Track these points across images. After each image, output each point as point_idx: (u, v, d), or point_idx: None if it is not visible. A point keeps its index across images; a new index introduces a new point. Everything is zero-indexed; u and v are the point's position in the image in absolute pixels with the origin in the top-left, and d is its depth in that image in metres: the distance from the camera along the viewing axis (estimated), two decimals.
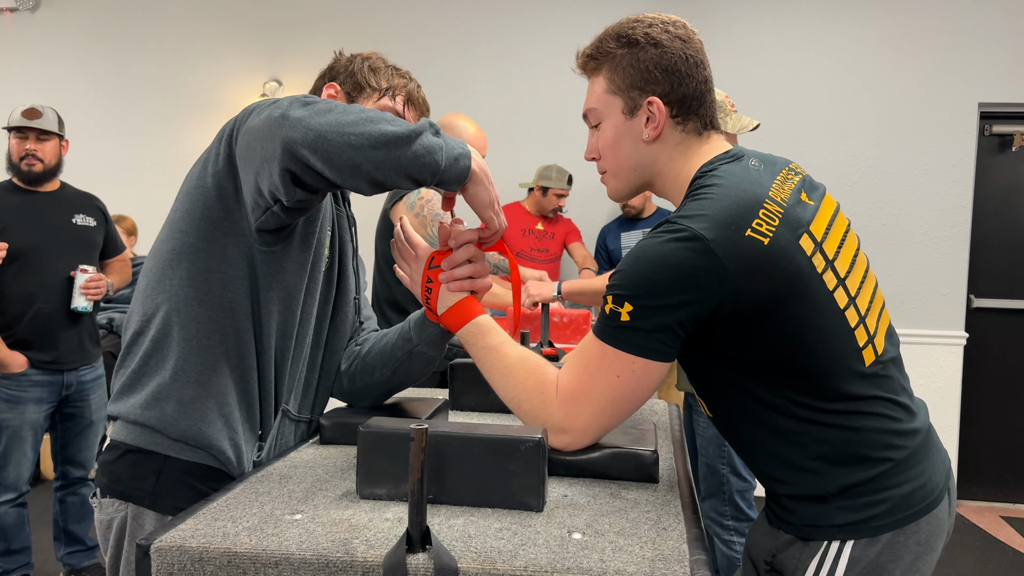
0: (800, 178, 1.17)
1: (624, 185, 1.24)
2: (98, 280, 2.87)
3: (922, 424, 1.14)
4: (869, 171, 4.23)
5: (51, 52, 4.85)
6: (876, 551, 1.07)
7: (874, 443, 1.07)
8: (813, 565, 1.08)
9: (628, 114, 1.18)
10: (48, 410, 2.88)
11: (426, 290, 1.26)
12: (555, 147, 4.39)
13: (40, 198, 2.90)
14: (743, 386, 1.10)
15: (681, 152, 1.19)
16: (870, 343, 1.10)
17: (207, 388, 1.22)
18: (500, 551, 0.88)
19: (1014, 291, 4.27)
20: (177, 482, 1.21)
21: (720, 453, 2.51)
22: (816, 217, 1.11)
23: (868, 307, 1.13)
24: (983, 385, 4.28)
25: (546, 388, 1.14)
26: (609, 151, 1.22)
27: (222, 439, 1.22)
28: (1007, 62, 4.12)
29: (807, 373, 1.06)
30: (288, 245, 1.26)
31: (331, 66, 1.46)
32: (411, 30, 4.55)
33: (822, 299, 1.06)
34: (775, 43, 4.28)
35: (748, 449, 1.16)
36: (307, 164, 1.05)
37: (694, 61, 1.16)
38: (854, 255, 1.16)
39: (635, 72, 1.16)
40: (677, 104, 1.16)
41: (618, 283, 1.07)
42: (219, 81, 4.72)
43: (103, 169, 4.73)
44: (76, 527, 3.02)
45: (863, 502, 1.07)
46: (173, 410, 1.21)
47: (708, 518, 2.60)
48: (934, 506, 1.10)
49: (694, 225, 1.03)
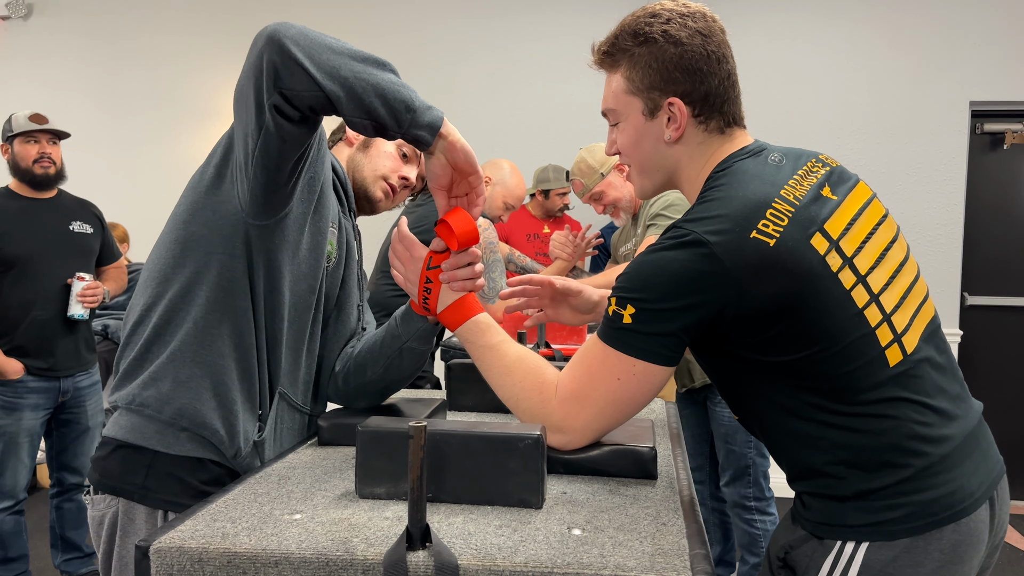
0: (827, 170, 1.13)
1: (649, 183, 1.23)
2: (95, 288, 2.86)
3: (959, 429, 1.07)
4: (862, 170, 4.24)
5: (44, 60, 4.84)
6: (892, 555, 1.02)
7: (896, 448, 1.03)
8: (827, 565, 1.05)
9: (648, 115, 1.16)
10: (44, 417, 2.87)
11: (424, 290, 1.26)
12: (550, 148, 4.39)
13: (38, 205, 2.89)
14: (760, 389, 1.08)
15: (702, 151, 1.17)
16: (896, 342, 1.05)
17: (204, 367, 1.24)
18: (500, 548, 0.88)
19: (1007, 288, 4.29)
20: (167, 476, 1.23)
21: (747, 438, 2.55)
22: (836, 213, 1.07)
23: (899, 303, 1.08)
24: (978, 382, 4.29)
25: (545, 388, 1.14)
26: (632, 151, 1.20)
27: (215, 418, 1.23)
28: (998, 61, 4.14)
29: (823, 375, 1.03)
30: (282, 222, 1.27)
31: None
32: (404, 34, 4.56)
33: (836, 299, 1.02)
34: (767, 43, 4.30)
35: (774, 448, 1.14)
36: (290, 55, 1.05)
37: (716, 57, 1.13)
38: (885, 248, 1.10)
39: (654, 72, 1.13)
40: (700, 103, 1.14)
41: (622, 285, 1.06)
42: (213, 88, 4.72)
43: (97, 177, 4.71)
44: (73, 534, 3.01)
45: (880, 505, 1.03)
46: (168, 388, 1.23)
47: (732, 503, 2.63)
48: (964, 515, 1.04)
49: (698, 229, 1.02)
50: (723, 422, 2.61)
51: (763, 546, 2.56)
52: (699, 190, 1.15)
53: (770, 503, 2.58)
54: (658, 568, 0.83)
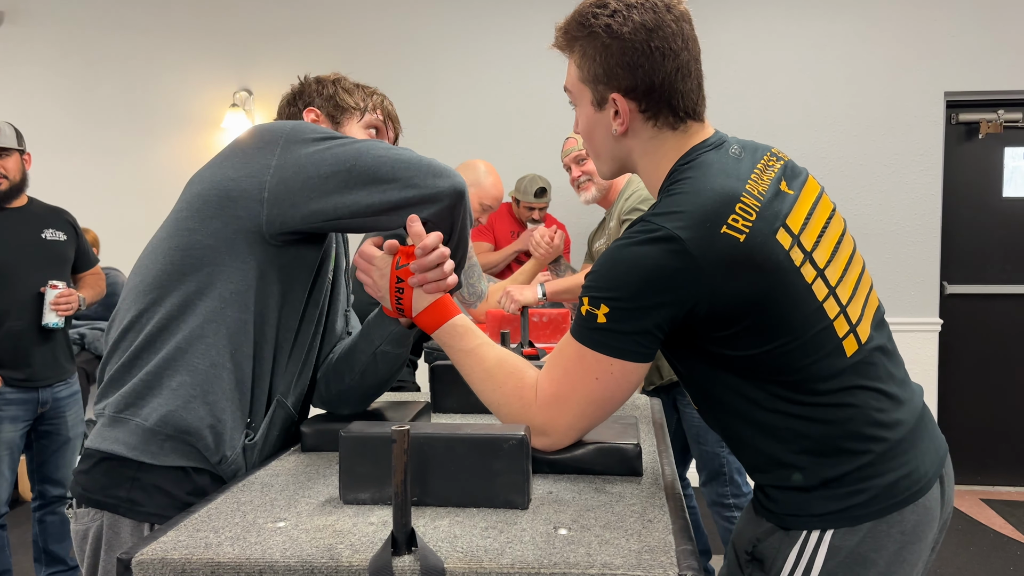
0: (781, 164, 1.13)
1: (606, 168, 1.23)
2: (68, 295, 2.83)
3: (910, 413, 1.11)
4: (840, 163, 4.27)
5: (16, 68, 4.77)
6: (857, 540, 1.05)
7: (856, 435, 1.05)
8: (793, 554, 1.07)
9: (597, 106, 1.15)
10: (24, 428, 2.84)
11: (396, 291, 1.24)
12: (527, 148, 4.39)
13: (7, 215, 2.85)
14: (725, 381, 1.09)
15: (656, 146, 1.15)
16: (852, 332, 1.08)
17: (196, 375, 1.21)
18: (486, 550, 0.87)
19: (986, 276, 4.33)
20: (152, 488, 1.20)
21: (718, 438, 2.54)
22: (794, 208, 1.08)
23: (852, 295, 1.10)
24: (959, 370, 4.34)
25: (525, 392, 1.13)
26: (586, 137, 1.21)
27: (202, 426, 1.21)
28: (972, 51, 4.18)
29: (786, 368, 1.04)
30: (301, 243, 1.27)
31: (300, 91, 1.48)
32: (380, 36, 4.54)
33: (800, 293, 1.04)
34: (743, 38, 4.31)
35: (734, 442, 1.15)
36: (464, 225, 1.26)
37: (661, 52, 1.09)
38: (837, 242, 1.12)
39: (597, 66, 1.12)
40: (643, 99, 1.11)
41: (593, 284, 1.05)
42: (188, 92, 4.68)
43: (71, 184, 4.66)
44: (56, 547, 2.98)
45: (844, 492, 1.05)
46: (156, 395, 1.21)
47: (711, 502, 2.63)
48: (920, 495, 1.07)
49: (668, 224, 1.01)
50: (693, 422, 2.61)
51: None
52: (660, 182, 1.14)
53: (748, 498, 2.59)
54: (645, 565, 0.83)
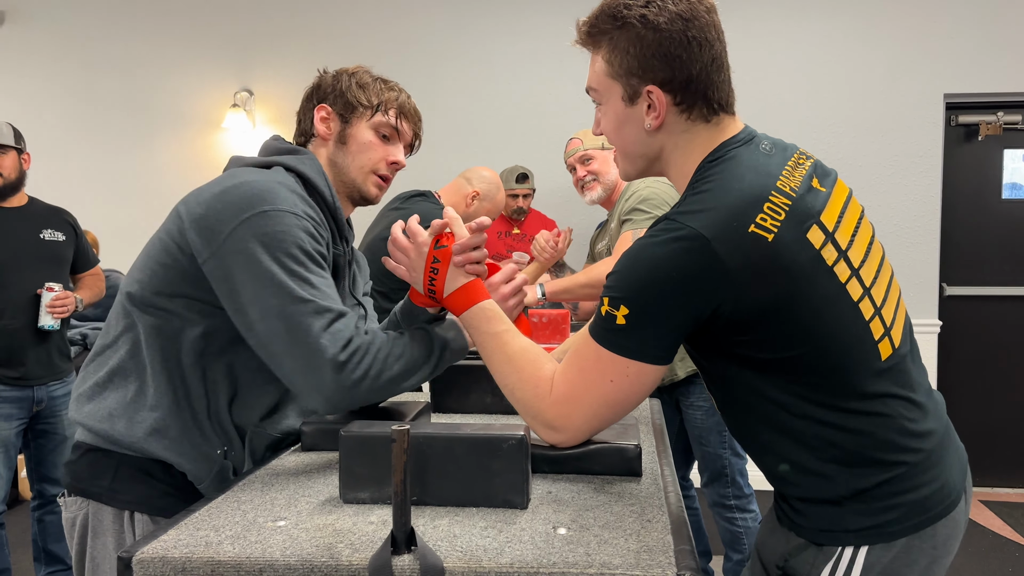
0: (811, 163, 1.10)
1: (632, 168, 1.18)
2: (64, 298, 2.83)
3: (938, 423, 1.08)
4: (839, 165, 4.27)
5: (17, 67, 4.77)
6: (892, 556, 1.02)
7: (888, 446, 1.02)
8: (827, 571, 1.04)
9: (628, 101, 1.11)
10: (19, 427, 2.83)
11: (431, 271, 1.24)
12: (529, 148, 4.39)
13: (6, 214, 2.85)
14: (753, 385, 1.05)
15: (687, 140, 1.11)
16: (886, 335, 1.04)
17: (166, 413, 1.24)
18: (486, 549, 0.88)
19: (985, 278, 4.33)
20: (133, 478, 1.24)
21: (721, 440, 2.55)
22: (828, 205, 1.04)
23: (884, 298, 1.07)
24: (958, 372, 4.34)
25: (541, 383, 1.11)
26: (614, 136, 1.16)
27: (173, 457, 1.24)
28: (971, 53, 4.18)
29: (819, 371, 1.01)
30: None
31: (317, 85, 1.44)
32: (381, 36, 4.54)
33: (833, 292, 1.00)
34: (742, 39, 4.31)
35: (759, 449, 1.11)
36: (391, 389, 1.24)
37: (698, 42, 1.06)
38: (869, 243, 1.09)
39: (632, 59, 1.07)
40: (680, 91, 1.08)
41: (614, 284, 1.02)
42: (189, 92, 4.67)
43: (71, 185, 4.66)
44: (56, 546, 2.97)
45: (878, 506, 1.02)
46: (125, 427, 1.23)
47: (713, 503, 2.64)
48: (951, 509, 1.05)
49: (693, 223, 0.97)
50: (696, 423, 2.60)
51: (745, 543, 2.58)
52: (688, 179, 1.11)
53: (750, 500, 2.59)
54: (643, 565, 0.83)
